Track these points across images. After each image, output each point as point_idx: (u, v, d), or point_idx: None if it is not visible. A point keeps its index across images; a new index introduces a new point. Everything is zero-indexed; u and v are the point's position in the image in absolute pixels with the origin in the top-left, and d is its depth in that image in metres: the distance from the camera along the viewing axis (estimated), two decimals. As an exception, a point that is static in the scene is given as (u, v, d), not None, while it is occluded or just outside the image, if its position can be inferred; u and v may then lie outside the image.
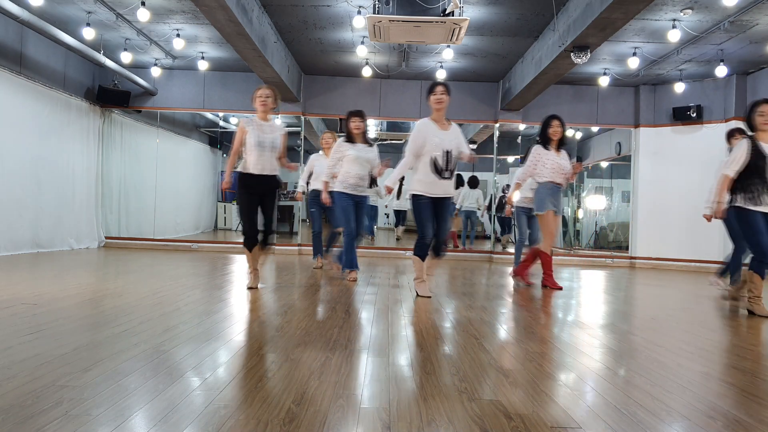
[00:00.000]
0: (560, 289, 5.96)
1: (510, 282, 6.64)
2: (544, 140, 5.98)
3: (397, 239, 12.90)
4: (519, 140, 10.45)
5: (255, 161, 4.95)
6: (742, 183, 4.76)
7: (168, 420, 1.91)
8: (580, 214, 13.08)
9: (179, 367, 2.56)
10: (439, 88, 4.91)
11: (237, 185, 5.01)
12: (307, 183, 7.26)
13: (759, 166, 4.68)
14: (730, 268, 5.97)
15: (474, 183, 11.21)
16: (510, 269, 7.97)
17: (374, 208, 12.40)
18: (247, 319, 3.76)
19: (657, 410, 2.20)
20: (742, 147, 4.73)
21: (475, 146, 12.57)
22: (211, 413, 1.98)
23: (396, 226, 13.69)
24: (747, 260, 5.01)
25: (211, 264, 7.58)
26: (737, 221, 4.82)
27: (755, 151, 4.69)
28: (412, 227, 11.73)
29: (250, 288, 5.14)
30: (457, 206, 11.05)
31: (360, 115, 6.02)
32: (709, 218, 5.57)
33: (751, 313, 4.80)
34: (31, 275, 5.64)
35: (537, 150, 5.98)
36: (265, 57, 7.41)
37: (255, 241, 5.07)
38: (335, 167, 6.00)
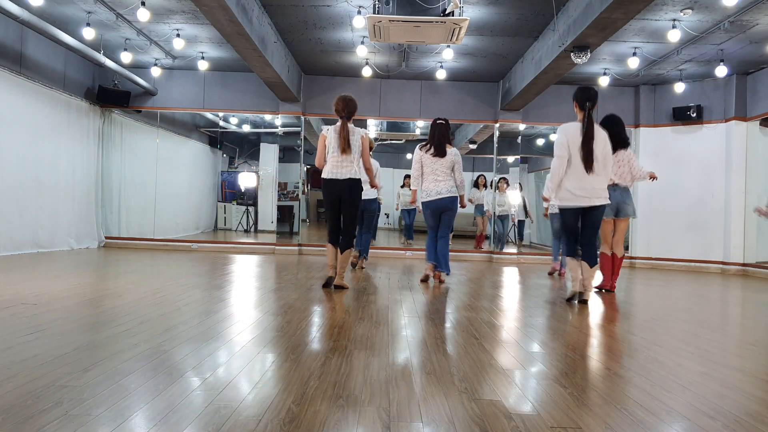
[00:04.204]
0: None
1: (510, 282, 6.63)
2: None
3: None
4: (519, 140, 10.44)
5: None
6: None
7: (168, 420, 1.91)
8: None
9: (179, 367, 2.56)
10: None
11: None
12: None
13: None
14: None
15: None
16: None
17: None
18: (247, 319, 3.76)
19: (657, 410, 2.20)
20: None
21: (475, 146, 12.57)
22: (211, 413, 1.98)
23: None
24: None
25: (211, 264, 7.58)
26: None
27: None
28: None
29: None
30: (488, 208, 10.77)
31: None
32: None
33: None
34: (31, 275, 5.64)
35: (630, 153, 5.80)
36: (265, 57, 7.41)
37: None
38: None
